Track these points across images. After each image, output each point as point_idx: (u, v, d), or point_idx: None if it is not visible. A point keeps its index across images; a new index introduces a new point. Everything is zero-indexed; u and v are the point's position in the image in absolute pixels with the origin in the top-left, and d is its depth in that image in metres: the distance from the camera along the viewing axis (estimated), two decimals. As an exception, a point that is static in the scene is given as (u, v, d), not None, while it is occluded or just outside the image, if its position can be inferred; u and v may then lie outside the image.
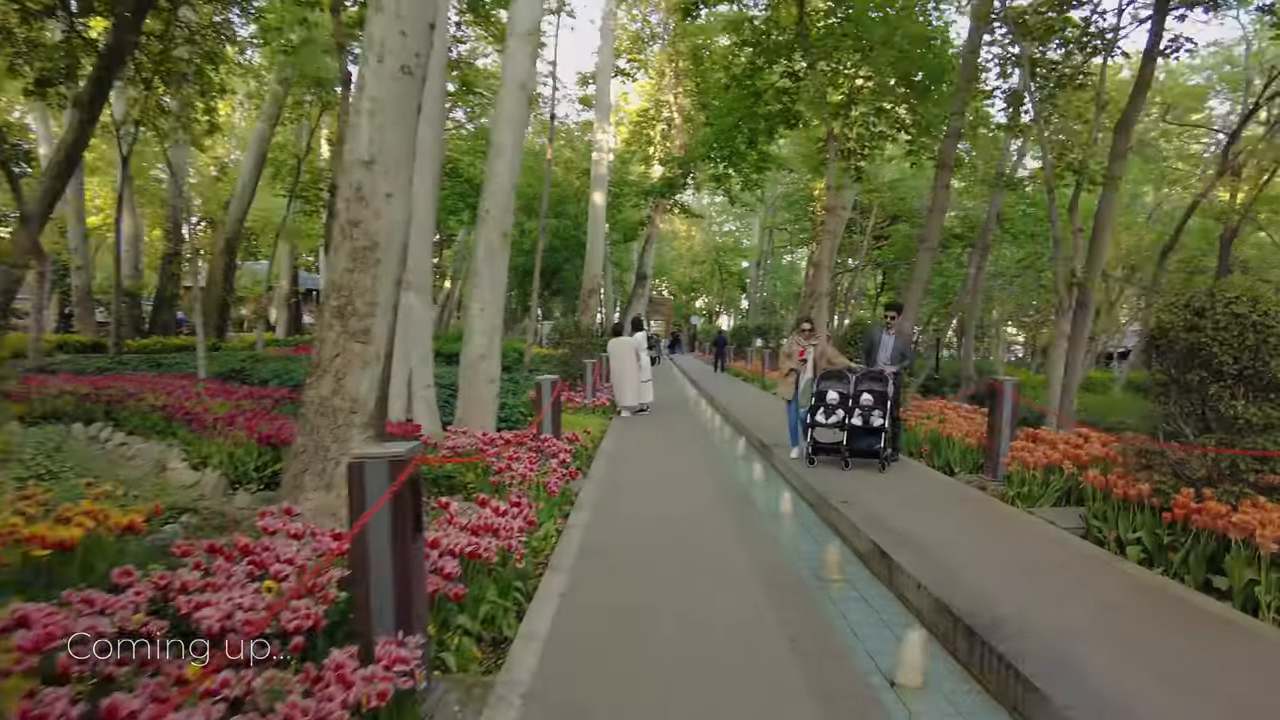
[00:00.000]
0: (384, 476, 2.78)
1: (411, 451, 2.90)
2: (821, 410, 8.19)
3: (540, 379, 7.51)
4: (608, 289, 37.25)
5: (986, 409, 10.08)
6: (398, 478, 2.79)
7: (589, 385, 12.82)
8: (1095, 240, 11.18)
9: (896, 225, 33.34)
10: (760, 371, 22.66)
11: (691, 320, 57.31)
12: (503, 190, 9.68)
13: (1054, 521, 5.94)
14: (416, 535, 2.94)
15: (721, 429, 12.46)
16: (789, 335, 8.91)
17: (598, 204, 19.14)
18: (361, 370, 5.40)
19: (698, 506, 6.62)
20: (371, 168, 5.38)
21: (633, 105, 33.26)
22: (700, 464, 8.88)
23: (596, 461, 8.69)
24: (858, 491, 6.96)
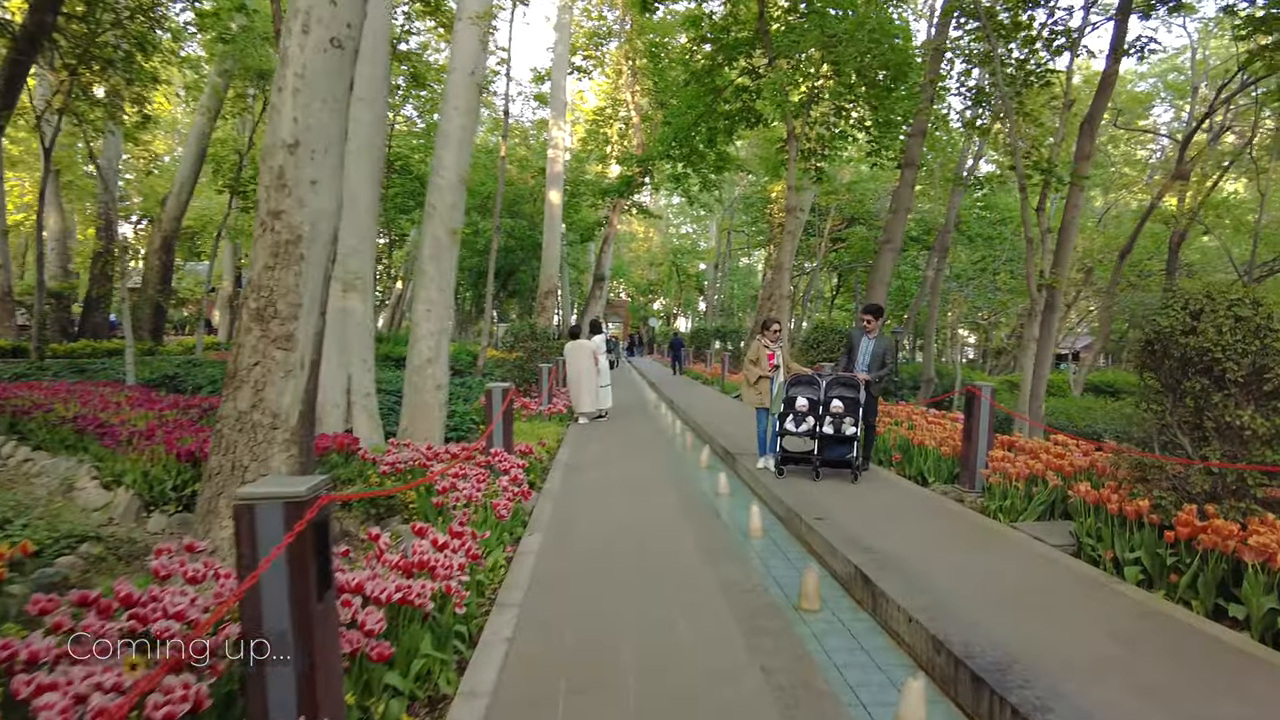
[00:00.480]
0: (279, 522, 2.21)
1: (315, 489, 2.33)
2: (791, 418, 7.76)
3: (490, 386, 6.92)
4: (565, 290, 36.61)
5: (956, 414, 9.79)
6: (297, 523, 2.22)
7: (545, 391, 12.23)
8: (1061, 241, 10.99)
9: (854, 228, 33.38)
10: (720, 374, 22.28)
11: (650, 322, 56.90)
12: (451, 184, 9.09)
13: (1041, 538, 5.57)
14: (324, 592, 2.37)
15: (683, 435, 11.99)
16: (754, 338, 8.43)
17: (554, 203, 18.56)
18: (284, 380, 4.78)
19: (661, 524, 6.12)
20: (295, 151, 4.77)
21: (589, 105, 32.74)
22: (662, 475, 8.39)
23: (552, 474, 8.14)
24: (831, 505, 6.54)
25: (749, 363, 8.25)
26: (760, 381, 8.19)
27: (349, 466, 6.95)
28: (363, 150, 8.96)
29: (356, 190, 8.93)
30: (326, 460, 7.09)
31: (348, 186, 9.04)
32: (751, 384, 8.24)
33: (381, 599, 3.08)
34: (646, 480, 8.02)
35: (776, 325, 8.39)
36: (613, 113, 25.74)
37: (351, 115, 9.04)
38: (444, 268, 9.14)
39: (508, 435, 6.87)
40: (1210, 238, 30.26)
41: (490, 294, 22.02)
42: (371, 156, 9.11)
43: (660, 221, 52.81)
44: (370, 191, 9.13)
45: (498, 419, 6.74)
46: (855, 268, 37.15)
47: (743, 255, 54.29)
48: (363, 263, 9.00)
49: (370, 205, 9.12)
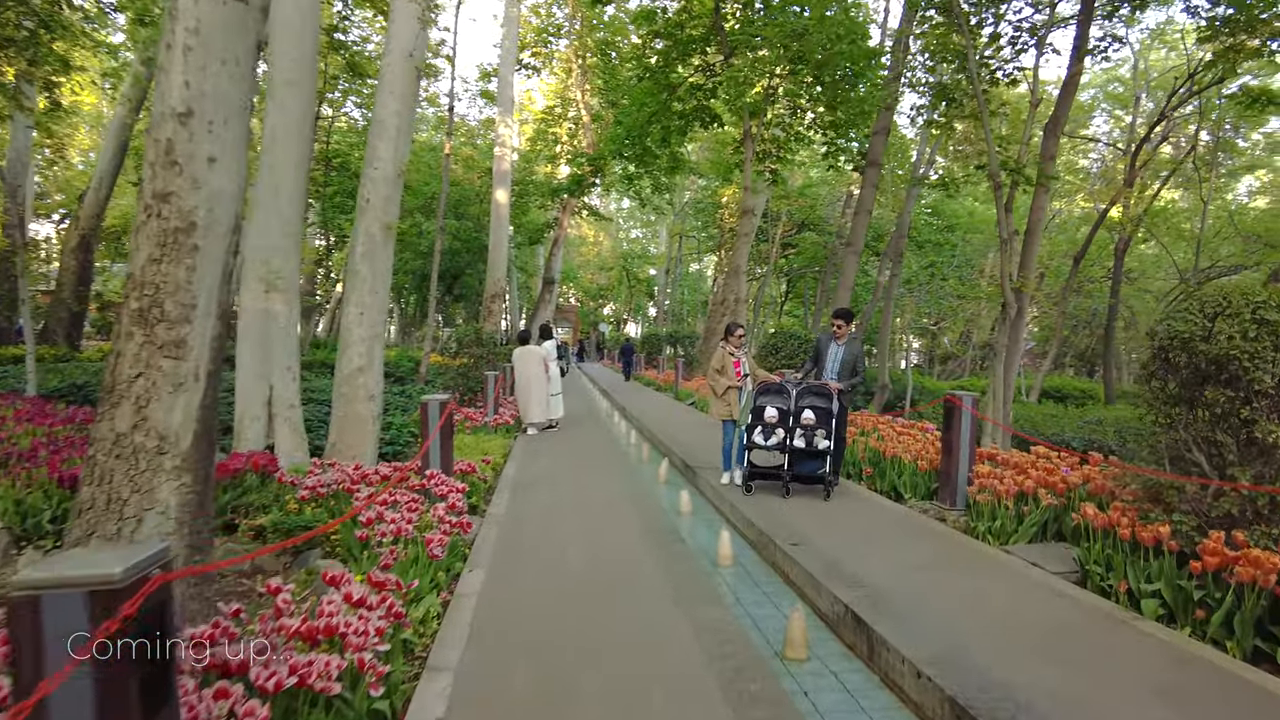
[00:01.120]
0: (82, 620, 1.49)
1: (139, 567, 1.60)
2: (760, 430, 7.18)
3: (426, 399, 6.14)
4: (513, 294, 35.70)
5: (925, 424, 9.35)
6: (108, 620, 1.50)
7: (490, 401, 11.44)
8: (1027, 244, 10.69)
9: (804, 233, 33.24)
10: (673, 380, 21.72)
11: (600, 328, 56.19)
12: (387, 176, 8.29)
13: (1039, 563, 5.07)
14: (159, 711, 1.65)
15: (639, 447, 11.35)
16: (718, 345, 7.81)
17: (500, 202, 17.77)
18: (173, 395, 3.99)
19: (621, 553, 5.46)
20: (188, 122, 3.99)
21: (538, 106, 31.93)
22: (619, 492, 7.72)
23: (498, 495, 7.40)
24: (806, 527, 5.96)
25: (714, 371, 7.62)
26: (728, 392, 7.58)
27: (263, 491, 6.13)
28: (290, 137, 8.14)
29: (281, 181, 8.10)
30: (239, 483, 6.25)
31: (272, 177, 8.23)
32: (718, 395, 7.62)
33: (269, 687, 2.35)
34: (602, 499, 7.34)
35: (741, 330, 7.79)
36: (562, 112, 25.02)
37: (278, 100, 8.23)
38: (378, 267, 8.34)
39: (446, 454, 6.12)
40: (1147, 245, 30.94)
41: (434, 297, 21.09)
42: (299, 145, 8.27)
43: (611, 225, 52.20)
44: (297, 183, 8.29)
45: (434, 436, 5.99)
46: (805, 274, 37.09)
47: (693, 261, 53.98)
48: (287, 260, 8.15)
49: (297, 197, 8.27)
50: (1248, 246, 24.40)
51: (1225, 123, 23.36)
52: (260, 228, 7.98)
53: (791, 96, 16.21)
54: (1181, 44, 27.05)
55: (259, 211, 8.03)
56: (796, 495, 7.16)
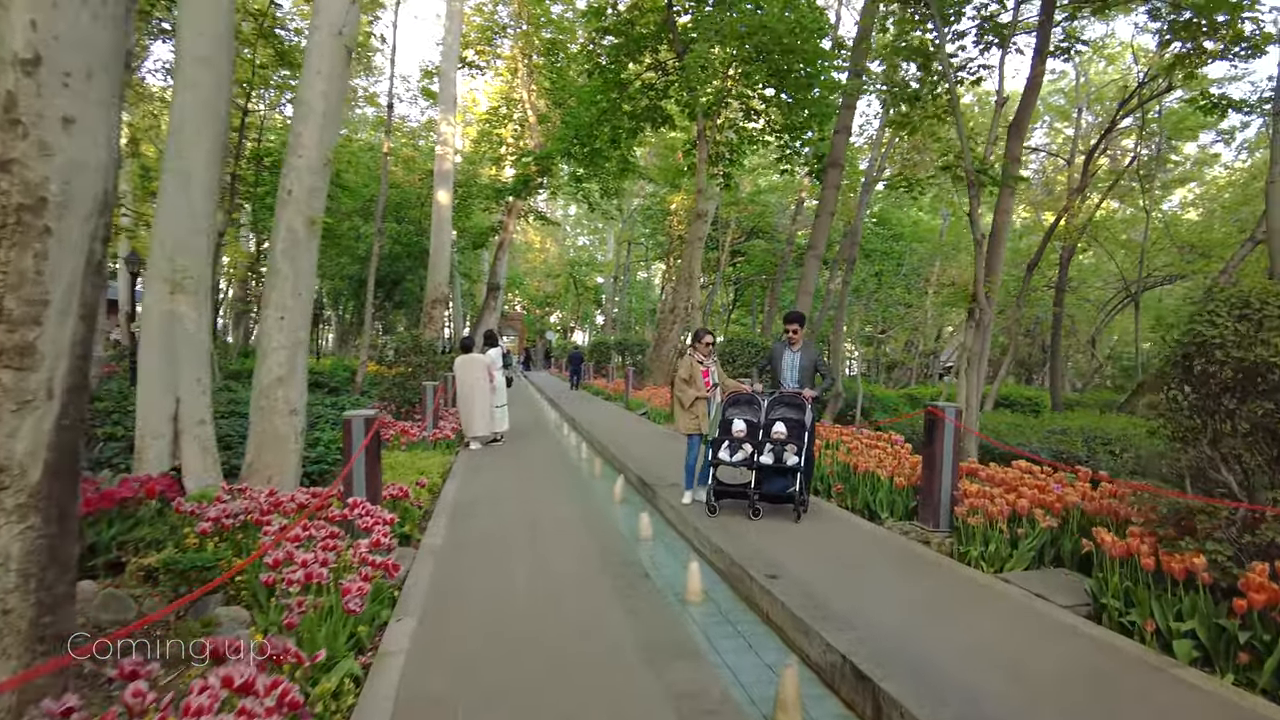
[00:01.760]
0: None
1: None
2: (726, 445, 6.57)
3: (349, 415, 5.30)
4: (456, 301, 34.60)
5: (893, 435, 8.86)
6: None
7: (429, 413, 10.60)
8: (993, 247, 10.36)
9: (753, 240, 33.01)
10: (623, 390, 21.06)
11: (546, 336, 55.24)
12: (311, 164, 7.47)
13: (1044, 595, 4.55)
14: None
15: (590, 462, 10.65)
16: (686, 353, 7.16)
17: (442, 203, 16.89)
18: (16, 415, 3.16)
19: (577, 592, 4.76)
20: (34, 71, 3.18)
21: (482, 108, 30.99)
22: (572, 515, 7.02)
23: (434, 520, 6.62)
24: (780, 555, 5.36)
25: (681, 381, 6.96)
26: (696, 404, 6.93)
27: (158, 524, 5.26)
28: (203, 120, 7.24)
29: (193, 169, 7.20)
30: (130, 514, 5.36)
31: (181, 163, 7.29)
32: (685, 407, 6.96)
33: None
34: (553, 523, 6.63)
35: (710, 337, 7.16)
36: (508, 112, 24.20)
37: (188, 78, 7.29)
38: (301, 266, 7.50)
39: (373, 479, 5.32)
40: (1084, 255, 31.53)
41: (370, 303, 20.06)
42: (213, 129, 7.37)
43: (558, 231, 51.42)
44: (211, 172, 7.38)
45: (358, 457, 5.19)
46: (753, 282, 36.89)
47: (640, 268, 53.50)
48: (198, 258, 7.24)
49: (210, 188, 7.37)
50: (1183, 256, 24.91)
51: (1155, 137, 23.79)
52: (166, 220, 7.08)
53: (743, 99, 15.79)
54: (1123, 57, 27.64)
55: (165, 201, 7.12)
56: (765, 516, 6.57)
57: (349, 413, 5.34)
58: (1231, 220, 23.16)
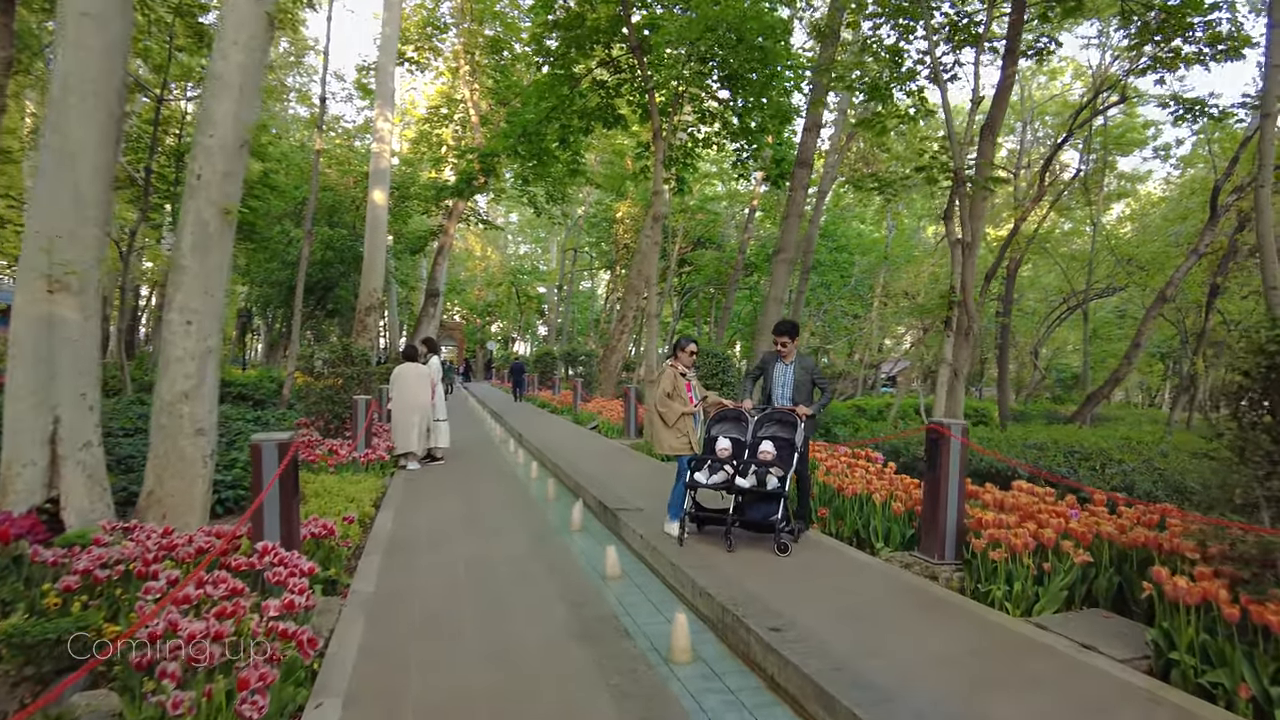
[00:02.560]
0: None
1: None
2: (705, 466, 5.80)
3: (258, 440, 4.30)
4: (392, 309, 33.14)
5: (874, 453, 8.23)
6: None
7: (361, 431, 9.53)
8: (966, 253, 9.86)
9: (700, 250, 32.52)
10: (571, 402, 20.16)
11: (488, 346, 53.84)
12: (225, 145, 6.46)
13: (1096, 646, 3.89)
14: None
15: (541, 482, 9.76)
16: (665, 365, 6.31)
17: (378, 203, 15.80)
18: None
19: (542, 658, 3.91)
20: None
21: (422, 111, 29.77)
22: (527, 551, 6.14)
23: (366, 560, 5.65)
24: (775, 598, 4.60)
25: (663, 396, 6.10)
26: (682, 420, 6.11)
27: (10, 579, 4.20)
28: (91, 89, 6.18)
29: (79, 146, 6.14)
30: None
31: (63, 139, 6.15)
32: (669, 424, 6.10)
33: None
34: (506, 561, 5.74)
35: (693, 346, 6.33)
36: (449, 113, 23.13)
37: (73, 37, 6.17)
38: (212, 263, 6.47)
39: (289, 517, 4.34)
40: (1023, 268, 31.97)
41: (299, 308, 18.75)
42: (104, 102, 6.29)
43: (500, 237, 50.22)
44: (102, 152, 6.31)
45: (270, 491, 4.23)
46: (698, 292, 36.39)
47: (583, 278, 52.58)
48: (85, 251, 6.15)
49: (100, 170, 6.29)
50: (1123, 269, 25.31)
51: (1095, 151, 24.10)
52: (45, 206, 5.99)
53: (696, 100, 15.17)
54: (1063, 74, 28.08)
55: (44, 184, 6.04)
56: (746, 547, 5.81)
57: (258, 437, 4.37)
58: (1170, 235, 23.55)
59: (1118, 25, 10.98)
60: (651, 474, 9.74)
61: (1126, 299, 31.32)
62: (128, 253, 17.25)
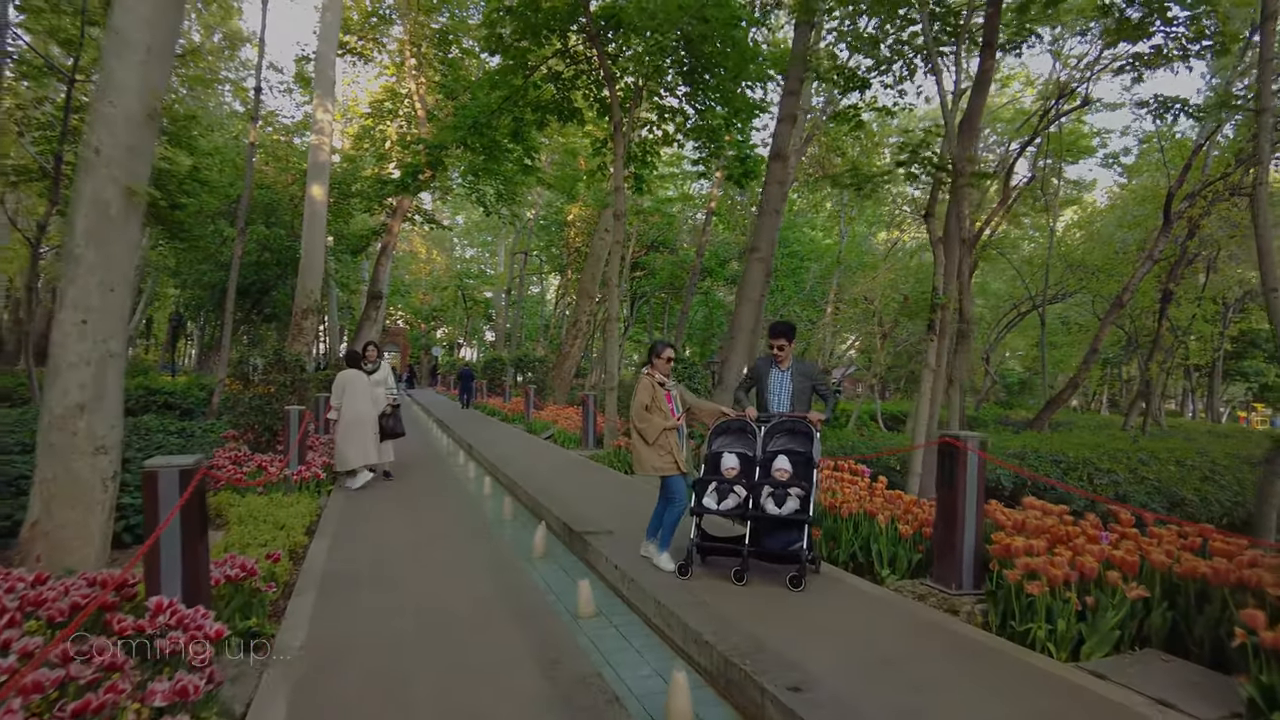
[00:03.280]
0: None
1: None
2: (712, 490, 5.08)
3: (153, 465, 3.39)
4: (332, 313, 31.68)
5: (858, 466, 7.63)
6: None
7: (293, 445, 8.52)
8: (947, 252, 9.38)
9: (653, 254, 31.91)
10: (522, 410, 19.28)
11: (433, 352, 52.33)
12: (130, 115, 5.52)
13: (1174, 704, 3.29)
14: None
15: (497, 499, 8.94)
16: (641, 373, 5.51)
17: (316, 199, 14.76)
18: None
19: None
20: None
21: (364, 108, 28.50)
22: (488, 589, 5.34)
23: (295, 604, 4.77)
24: (788, 644, 3.92)
25: (641, 409, 5.31)
26: (665, 435, 5.33)
27: None
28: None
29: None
30: None
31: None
32: (649, 442, 5.33)
33: None
34: (465, 602, 4.93)
35: (670, 351, 5.55)
36: (393, 107, 22.05)
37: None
38: (115, 253, 5.53)
39: (192, 561, 3.40)
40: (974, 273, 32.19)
41: (230, 312, 17.52)
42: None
43: (446, 239, 48.88)
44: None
45: (168, 528, 3.34)
46: (649, 298, 35.78)
47: (531, 283, 51.51)
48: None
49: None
50: (1074, 274, 25.56)
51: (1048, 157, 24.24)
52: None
53: (655, 96, 14.54)
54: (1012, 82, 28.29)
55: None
56: (751, 580, 5.10)
57: (154, 462, 3.49)
58: (1120, 242, 23.83)
59: (1096, 18, 10.63)
60: (619, 489, 9.01)
61: (1069, 306, 31.78)
62: (37, 247, 15.81)
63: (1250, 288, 27.46)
